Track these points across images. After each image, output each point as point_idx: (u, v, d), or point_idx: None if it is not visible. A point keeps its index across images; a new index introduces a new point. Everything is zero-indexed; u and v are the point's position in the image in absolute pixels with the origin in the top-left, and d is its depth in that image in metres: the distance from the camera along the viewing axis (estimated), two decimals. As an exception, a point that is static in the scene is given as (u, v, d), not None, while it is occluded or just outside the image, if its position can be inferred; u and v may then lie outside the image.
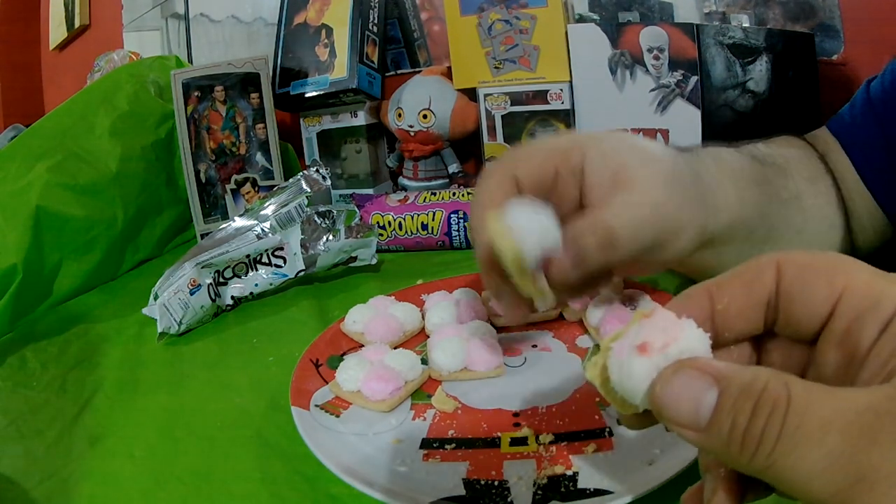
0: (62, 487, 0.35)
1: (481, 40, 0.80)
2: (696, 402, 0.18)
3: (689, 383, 0.18)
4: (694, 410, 0.18)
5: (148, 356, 0.52)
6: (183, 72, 0.80)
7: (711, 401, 0.17)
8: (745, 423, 0.17)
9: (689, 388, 0.18)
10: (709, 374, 0.18)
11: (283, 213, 0.59)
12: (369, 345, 0.43)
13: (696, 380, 0.18)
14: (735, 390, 0.17)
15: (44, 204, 0.66)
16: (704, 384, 0.18)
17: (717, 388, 0.17)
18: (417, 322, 0.47)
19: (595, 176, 0.33)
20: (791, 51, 0.64)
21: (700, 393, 0.18)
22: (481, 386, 0.39)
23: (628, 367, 0.19)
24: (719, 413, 0.17)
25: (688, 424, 0.18)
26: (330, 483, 0.32)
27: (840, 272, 0.19)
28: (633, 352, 0.19)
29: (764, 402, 0.17)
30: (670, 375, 0.18)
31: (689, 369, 0.18)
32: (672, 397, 0.18)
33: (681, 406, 0.18)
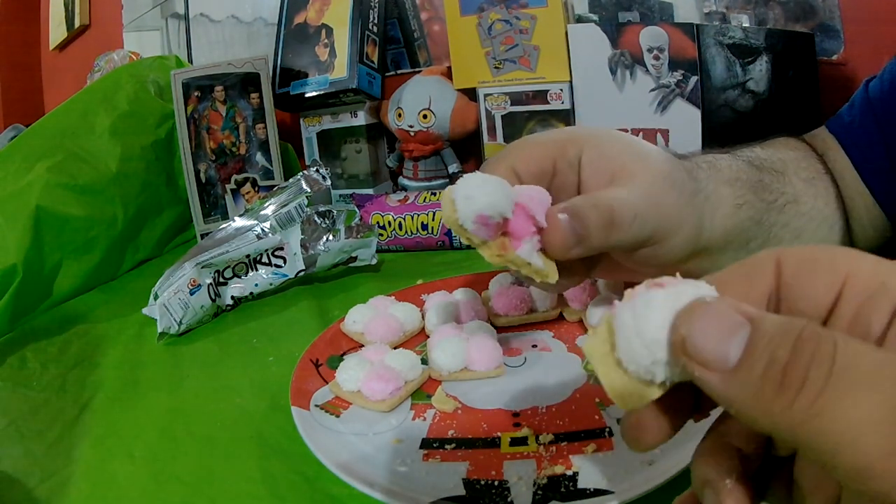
0: (62, 487, 0.35)
1: (481, 40, 0.80)
2: (725, 338, 0.16)
3: (717, 317, 0.16)
4: (722, 347, 0.16)
5: (148, 356, 0.52)
6: (183, 72, 0.80)
7: (743, 338, 0.16)
8: (785, 358, 0.15)
9: (717, 322, 0.16)
10: (740, 311, 0.16)
11: (283, 213, 0.59)
12: (369, 345, 0.43)
13: (726, 314, 0.16)
14: (770, 327, 0.15)
15: (44, 204, 0.66)
16: (735, 319, 0.16)
17: (748, 326, 0.16)
18: (417, 322, 0.47)
19: (593, 169, 0.33)
20: (791, 51, 0.65)
21: (729, 328, 0.16)
22: (481, 386, 0.39)
23: (646, 306, 0.17)
24: (753, 349, 0.15)
25: (714, 363, 0.16)
26: (330, 483, 0.32)
27: (841, 261, 0.19)
28: (648, 288, 0.17)
29: (807, 339, 0.15)
30: (696, 307, 0.16)
31: (718, 303, 0.16)
32: (697, 329, 0.16)
33: (707, 341, 0.16)
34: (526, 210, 0.29)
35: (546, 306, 0.46)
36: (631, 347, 0.18)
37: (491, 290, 0.49)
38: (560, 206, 0.30)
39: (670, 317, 0.17)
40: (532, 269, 0.30)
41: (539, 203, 0.30)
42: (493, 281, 0.50)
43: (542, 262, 0.30)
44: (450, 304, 0.47)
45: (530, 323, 0.46)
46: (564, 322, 0.46)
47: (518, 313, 0.46)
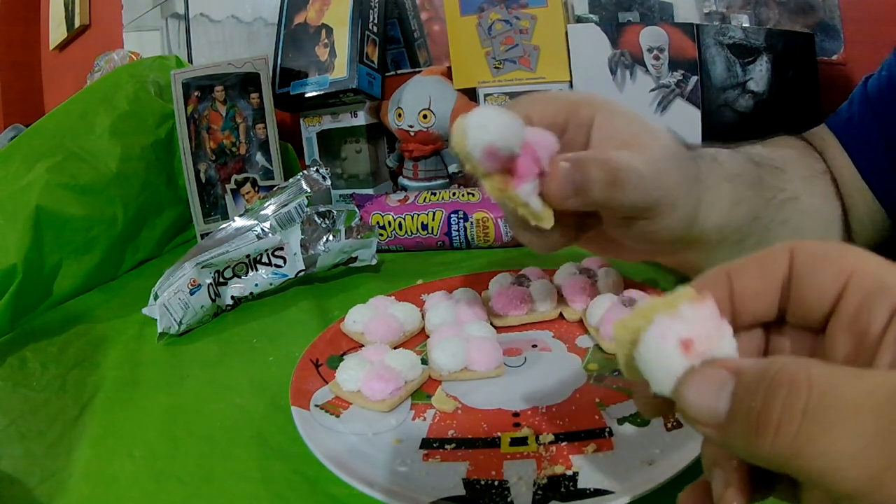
0: (62, 487, 0.35)
1: (481, 40, 0.80)
2: (712, 398, 0.17)
3: (708, 381, 0.18)
4: (714, 406, 0.17)
5: (148, 356, 0.52)
6: (183, 72, 0.80)
7: (728, 392, 0.17)
8: (759, 406, 0.16)
9: (708, 386, 0.18)
10: (728, 369, 0.18)
11: (283, 213, 0.59)
12: (369, 345, 0.43)
13: (715, 376, 0.18)
14: (749, 376, 0.17)
15: (44, 204, 0.66)
16: (723, 378, 0.18)
17: (732, 380, 0.17)
18: (417, 322, 0.47)
19: (602, 133, 0.33)
20: (791, 51, 0.65)
21: (718, 387, 0.17)
22: (481, 386, 0.39)
23: (666, 358, 0.19)
24: (735, 402, 0.17)
25: (708, 421, 0.18)
26: (330, 483, 0.32)
27: (848, 257, 0.19)
28: (676, 346, 0.19)
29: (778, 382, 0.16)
30: (686, 378, 0.18)
31: (710, 367, 0.18)
32: (690, 397, 0.18)
33: (699, 404, 0.18)
34: (533, 151, 0.29)
35: (546, 306, 0.46)
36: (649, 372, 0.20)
37: (491, 290, 0.49)
38: (567, 154, 0.30)
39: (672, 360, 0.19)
40: (528, 209, 0.30)
41: (545, 148, 0.30)
42: (493, 281, 0.50)
43: (539, 205, 0.30)
44: (450, 304, 0.47)
45: (530, 323, 0.46)
46: (564, 322, 0.46)
47: (518, 313, 0.46)
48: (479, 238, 0.66)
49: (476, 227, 0.65)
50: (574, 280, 0.47)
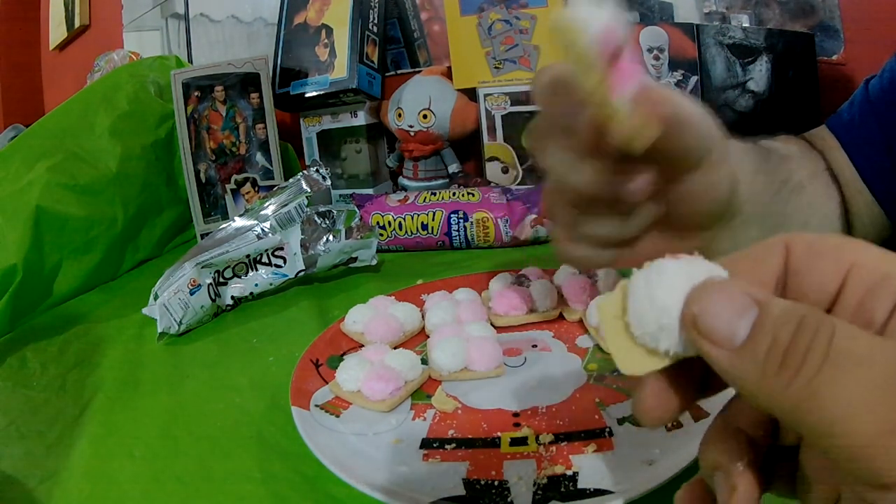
0: (62, 487, 0.35)
1: (481, 40, 0.80)
2: (734, 317, 0.17)
3: (728, 297, 0.17)
4: (731, 326, 0.17)
5: (148, 356, 0.52)
6: (183, 72, 0.80)
7: (750, 320, 0.16)
8: (787, 340, 0.16)
9: (727, 303, 0.17)
10: (750, 294, 0.17)
11: (283, 213, 0.59)
12: (369, 345, 0.43)
13: (737, 296, 0.17)
14: (776, 310, 0.16)
15: (44, 204, 0.66)
16: (745, 301, 0.17)
17: (756, 309, 0.17)
18: (417, 322, 0.47)
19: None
20: (791, 51, 0.65)
21: (739, 309, 0.17)
22: (481, 386, 0.39)
23: (660, 272, 0.18)
24: (759, 330, 0.16)
25: (722, 341, 0.17)
26: (330, 483, 0.32)
27: (847, 249, 0.19)
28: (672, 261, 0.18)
29: (808, 323, 0.16)
30: (709, 287, 0.17)
31: (730, 285, 0.17)
32: (709, 308, 0.17)
33: (718, 319, 0.17)
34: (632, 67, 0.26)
35: (546, 306, 0.46)
36: (640, 311, 0.18)
37: (491, 291, 0.49)
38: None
39: (681, 285, 0.17)
40: (622, 116, 0.26)
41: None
42: (493, 281, 0.50)
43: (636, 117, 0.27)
44: (450, 304, 0.47)
45: (530, 323, 0.46)
46: (564, 322, 0.46)
47: (518, 313, 0.46)
48: (479, 238, 0.66)
49: (476, 227, 0.65)
50: (574, 280, 0.47)
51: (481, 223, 0.65)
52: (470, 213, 0.65)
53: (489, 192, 0.67)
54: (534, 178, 0.82)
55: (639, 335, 0.19)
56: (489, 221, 0.65)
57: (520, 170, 0.83)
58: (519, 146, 0.82)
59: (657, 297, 0.18)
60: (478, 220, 0.65)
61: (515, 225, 0.64)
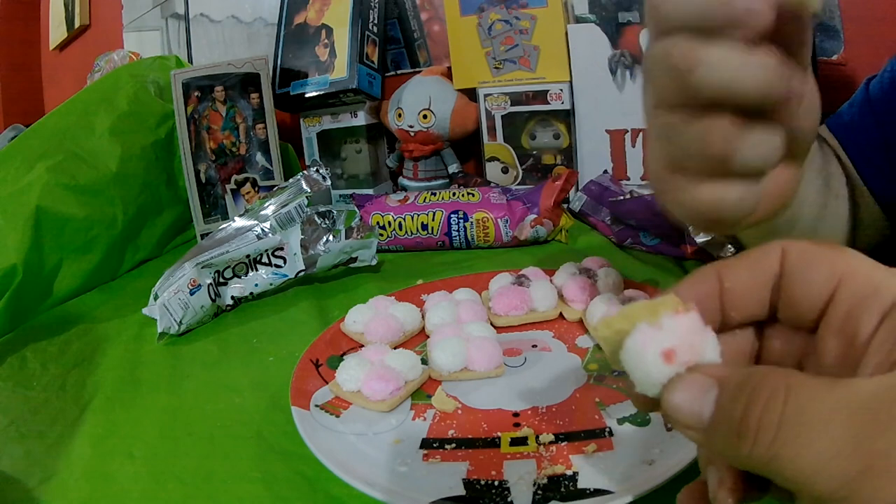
0: (62, 487, 0.35)
1: (481, 40, 0.80)
2: (699, 402, 0.18)
3: (692, 387, 0.18)
4: (697, 411, 0.18)
5: (148, 356, 0.52)
6: (183, 72, 0.80)
7: (712, 399, 0.18)
8: (741, 413, 0.17)
9: (691, 393, 0.18)
10: (711, 376, 0.18)
11: (283, 213, 0.59)
12: (369, 345, 0.43)
13: (698, 385, 0.18)
14: (732, 385, 0.18)
15: (44, 204, 0.66)
16: (705, 386, 0.18)
17: (716, 388, 0.18)
18: (417, 322, 0.47)
19: None
20: (791, 51, 0.64)
21: (702, 393, 0.18)
22: (481, 386, 0.39)
23: (646, 366, 0.19)
24: (718, 408, 0.18)
25: (693, 426, 0.18)
26: (330, 483, 0.32)
27: (840, 259, 0.19)
28: (658, 357, 0.19)
29: (759, 390, 0.17)
30: (673, 384, 0.19)
31: (694, 374, 0.19)
32: (676, 402, 0.19)
33: (685, 410, 0.18)
34: None
35: (546, 306, 0.46)
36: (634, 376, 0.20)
37: (491, 290, 0.49)
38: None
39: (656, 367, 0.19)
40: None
41: None
42: (493, 281, 0.50)
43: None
44: (450, 304, 0.47)
45: (530, 323, 0.46)
46: (564, 322, 0.46)
47: (518, 313, 0.46)
48: (479, 238, 0.66)
49: (476, 227, 0.65)
50: (574, 280, 0.47)
51: (481, 223, 0.65)
52: (470, 213, 0.65)
53: (489, 192, 0.67)
54: (534, 178, 0.82)
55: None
56: (489, 221, 0.65)
57: (520, 170, 0.83)
58: (519, 146, 0.82)
59: (642, 381, 0.20)
60: (478, 220, 0.65)
61: (515, 225, 0.64)
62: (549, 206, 0.64)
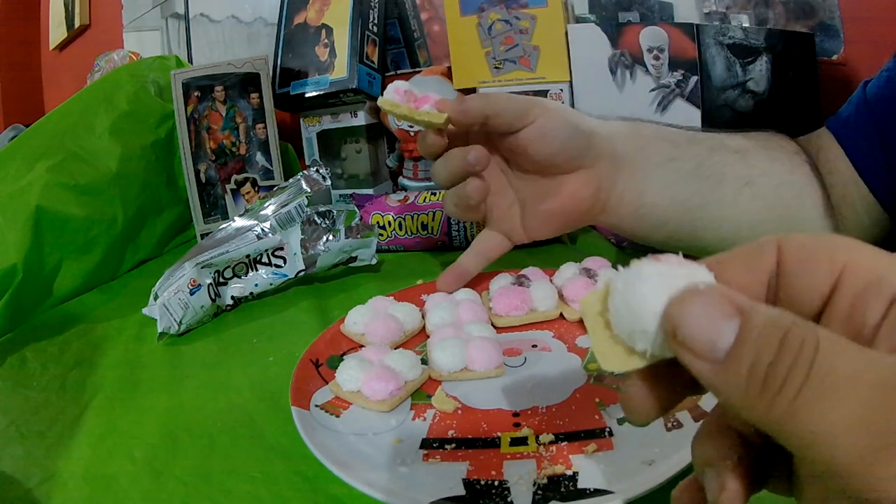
0: (62, 487, 0.35)
1: (481, 40, 0.80)
2: (715, 328, 0.16)
3: (709, 306, 0.16)
4: (712, 337, 0.16)
5: (148, 356, 0.52)
6: (183, 72, 0.80)
7: (732, 331, 0.16)
8: (769, 359, 0.15)
9: (708, 312, 0.16)
10: (732, 303, 0.16)
11: (283, 213, 0.59)
12: (369, 345, 0.43)
13: (718, 305, 0.16)
14: (760, 322, 0.16)
15: (44, 204, 0.66)
16: (726, 311, 0.16)
17: (739, 319, 0.16)
18: (417, 322, 0.47)
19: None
20: (791, 51, 0.65)
21: (721, 319, 0.16)
22: (481, 386, 0.39)
23: (638, 276, 0.17)
24: (741, 345, 0.16)
25: (704, 353, 0.16)
26: (330, 483, 0.32)
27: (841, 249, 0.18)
28: (652, 267, 0.17)
29: (791, 339, 0.15)
30: (689, 295, 0.16)
31: (711, 293, 0.16)
32: (689, 318, 0.16)
33: (698, 330, 0.16)
34: (428, 97, 0.47)
35: (546, 306, 0.46)
36: (618, 311, 0.18)
37: (491, 291, 0.49)
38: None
39: (659, 289, 0.17)
40: (426, 116, 0.45)
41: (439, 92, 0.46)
42: (493, 281, 0.50)
43: (435, 112, 0.45)
44: (450, 304, 0.47)
45: (530, 323, 0.46)
46: (564, 322, 0.46)
47: (518, 314, 0.46)
48: (479, 238, 0.66)
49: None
50: (574, 280, 0.47)
51: (481, 223, 0.65)
52: (470, 213, 0.65)
53: (489, 192, 0.67)
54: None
55: (617, 333, 0.19)
56: (489, 221, 0.65)
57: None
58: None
59: (634, 301, 0.17)
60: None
61: (515, 225, 0.64)
62: (549, 206, 0.64)
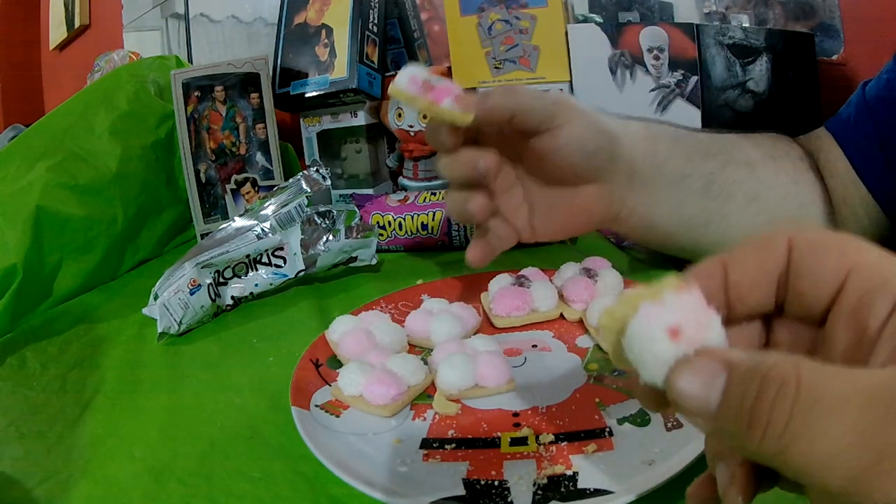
0: (62, 487, 0.35)
1: (481, 40, 0.80)
2: (706, 388, 0.17)
3: (700, 370, 0.18)
4: (705, 397, 0.17)
5: (148, 356, 0.52)
6: (183, 72, 0.80)
7: (720, 384, 0.17)
8: (750, 402, 0.16)
9: (700, 376, 0.17)
10: (719, 360, 0.17)
11: (283, 213, 0.59)
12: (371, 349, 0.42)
13: (707, 367, 0.18)
14: (742, 371, 0.17)
15: (44, 204, 0.66)
16: (715, 369, 0.17)
17: (725, 372, 0.17)
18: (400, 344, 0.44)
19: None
20: (791, 51, 0.65)
21: (710, 378, 0.17)
22: (481, 386, 0.39)
23: (655, 346, 0.18)
24: (727, 395, 0.17)
25: (700, 411, 0.17)
26: (330, 483, 0.32)
27: (850, 250, 0.19)
28: (664, 334, 0.18)
29: (770, 379, 0.16)
30: (679, 367, 0.18)
31: (701, 358, 0.18)
32: (684, 387, 0.18)
33: (692, 395, 0.17)
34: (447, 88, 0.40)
35: (546, 306, 0.46)
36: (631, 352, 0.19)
37: (491, 291, 0.49)
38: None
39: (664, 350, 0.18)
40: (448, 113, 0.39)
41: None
42: (493, 282, 0.50)
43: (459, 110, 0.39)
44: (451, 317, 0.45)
45: (530, 323, 0.46)
46: (564, 322, 0.46)
47: (519, 314, 0.46)
48: (479, 238, 0.66)
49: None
50: (574, 280, 0.47)
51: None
52: (470, 213, 0.65)
53: (489, 192, 0.67)
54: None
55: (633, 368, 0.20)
56: (489, 221, 0.65)
57: (520, 170, 0.83)
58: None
59: (643, 357, 0.19)
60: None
61: (515, 225, 0.64)
62: (549, 206, 0.64)
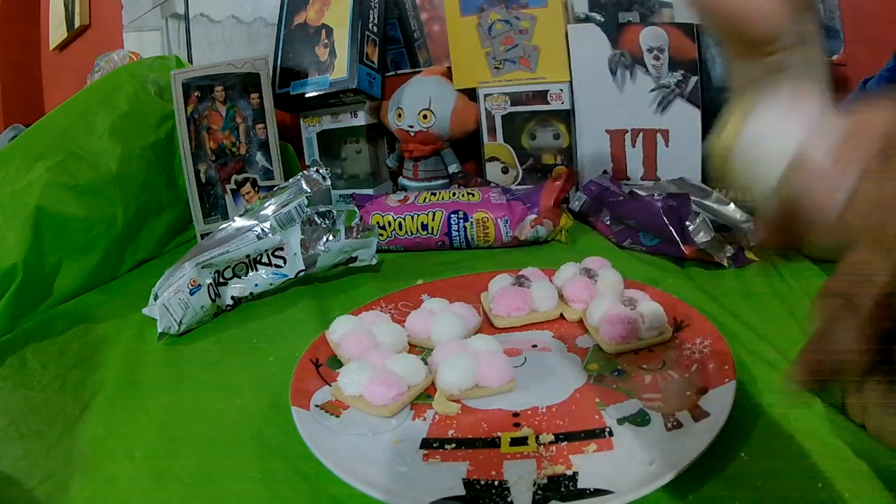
0: (62, 487, 0.35)
1: (481, 40, 0.80)
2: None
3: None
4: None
5: (148, 356, 0.52)
6: (183, 72, 0.80)
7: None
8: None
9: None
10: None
11: (283, 213, 0.59)
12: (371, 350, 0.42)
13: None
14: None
15: (44, 204, 0.66)
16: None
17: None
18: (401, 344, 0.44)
19: None
20: (791, 51, 0.64)
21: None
22: (481, 386, 0.39)
23: (760, 126, 0.19)
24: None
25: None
26: (330, 483, 0.32)
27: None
28: (770, 106, 0.19)
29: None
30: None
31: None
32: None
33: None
34: None
35: (546, 306, 0.46)
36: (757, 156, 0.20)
37: (491, 291, 0.49)
38: None
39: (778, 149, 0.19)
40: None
41: None
42: (493, 282, 0.50)
43: None
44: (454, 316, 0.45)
45: (530, 323, 0.46)
46: (564, 322, 0.46)
47: (520, 314, 0.46)
48: (479, 238, 0.66)
49: (476, 227, 0.65)
50: (574, 280, 0.47)
51: (481, 223, 0.65)
52: (470, 213, 0.65)
53: (489, 192, 0.67)
54: (534, 178, 0.82)
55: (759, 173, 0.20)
56: (489, 221, 0.65)
57: (520, 170, 0.83)
58: (519, 146, 0.82)
59: (765, 150, 0.19)
60: (478, 220, 0.65)
61: (515, 225, 0.64)
62: (549, 206, 0.64)
